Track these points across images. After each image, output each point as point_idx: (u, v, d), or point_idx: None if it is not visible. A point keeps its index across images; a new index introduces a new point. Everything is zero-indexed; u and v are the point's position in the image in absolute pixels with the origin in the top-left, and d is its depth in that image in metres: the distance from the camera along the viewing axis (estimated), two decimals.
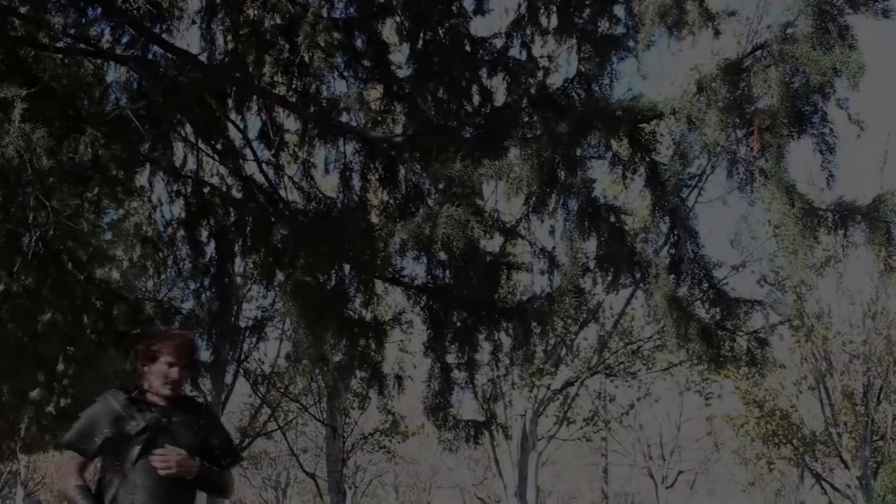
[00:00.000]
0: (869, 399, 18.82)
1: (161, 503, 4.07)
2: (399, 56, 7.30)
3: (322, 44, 5.91)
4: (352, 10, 6.79)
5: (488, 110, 6.68)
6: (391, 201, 7.08)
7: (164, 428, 4.19)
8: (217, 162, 7.65)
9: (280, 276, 7.31)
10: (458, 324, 6.68)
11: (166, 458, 4.09)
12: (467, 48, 6.74)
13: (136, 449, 4.08)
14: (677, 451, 28.33)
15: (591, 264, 6.23)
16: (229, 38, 6.98)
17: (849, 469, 18.81)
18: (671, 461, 27.91)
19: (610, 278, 6.10)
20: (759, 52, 5.14)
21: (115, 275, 11.83)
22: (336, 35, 5.97)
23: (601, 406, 21.73)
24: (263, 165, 7.37)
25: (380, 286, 7.39)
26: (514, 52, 6.92)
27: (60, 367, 8.69)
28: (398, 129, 6.90)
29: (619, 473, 34.52)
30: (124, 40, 6.85)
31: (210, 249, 7.44)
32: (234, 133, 7.56)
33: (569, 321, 15.28)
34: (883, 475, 17.78)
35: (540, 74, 6.86)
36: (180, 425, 4.23)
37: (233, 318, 8.54)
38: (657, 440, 28.22)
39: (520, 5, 7.01)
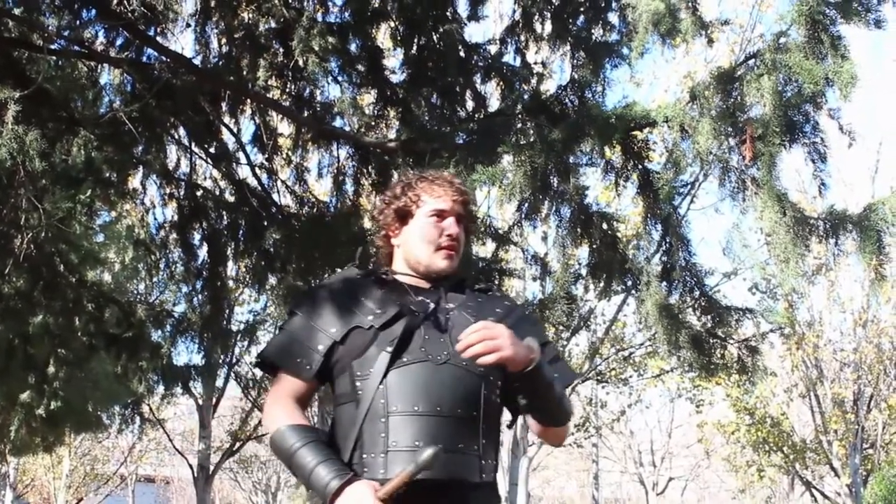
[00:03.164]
0: (859, 407, 18.85)
1: (442, 443, 2.30)
2: (393, 61, 7.33)
3: (316, 48, 5.92)
4: (346, 14, 6.81)
5: (482, 116, 6.70)
6: None
7: (434, 316, 2.52)
8: (210, 165, 7.66)
9: (272, 280, 7.31)
10: None
11: (487, 333, 2.31)
12: (461, 54, 6.76)
13: (385, 354, 2.43)
14: (668, 457, 28.33)
15: (583, 271, 6.24)
16: (224, 41, 7.00)
17: (839, 477, 18.83)
18: (662, 468, 27.90)
19: (602, 285, 6.11)
20: (751, 61, 5.16)
21: (107, 277, 11.81)
22: (330, 39, 5.98)
23: (592, 412, 21.74)
24: (257, 169, 7.38)
25: None
26: (508, 58, 6.95)
27: (51, 369, 8.66)
28: (392, 134, 6.91)
29: (609, 480, 34.53)
30: (118, 42, 6.86)
31: (202, 253, 7.44)
32: (227, 136, 7.57)
33: (560, 327, 15.30)
34: (873, 483, 17.81)
35: (534, 81, 6.88)
36: (460, 314, 2.55)
37: (224, 322, 8.50)
38: (648, 447, 28.23)
39: (514, 11, 7.03)
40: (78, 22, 6.50)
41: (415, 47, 6.81)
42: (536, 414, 2.56)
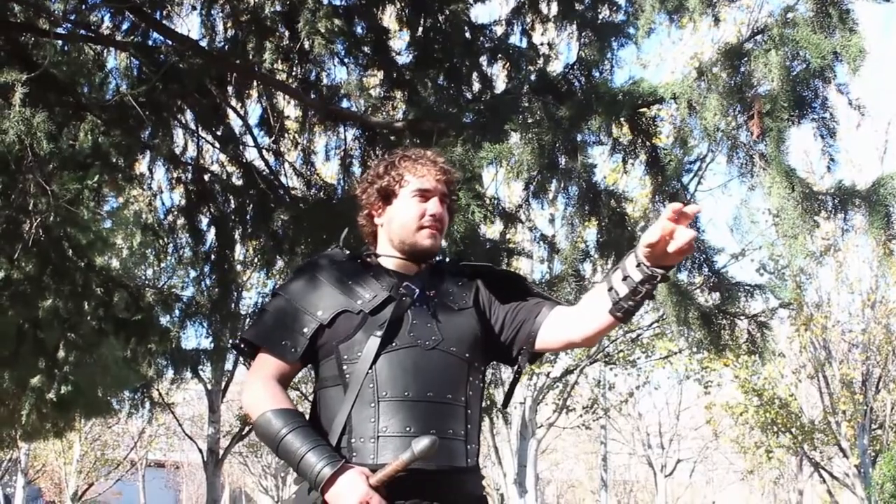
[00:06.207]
0: (868, 388, 18.83)
1: (432, 428, 2.36)
2: (399, 43, 7.31)
3: (322, 30, 5.90)
4: None
5: (488, 97, 6.68)
6: None
7: (421, 301, 2.52)
8: (217, 149, 7.66)
9: (280, 263, 7.32)
10: None
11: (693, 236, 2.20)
12: (467, 35, 6.74)
13: (374, 339, 2.42)
14: (676, 439, 28.39)
15: (592, 250, 6.24)
16: (230, 24, 6.98)
17: (847, 457, 18.83)
18: (670, 449, 27.96)
19: (610, 264, 6.10)
20: (759, 37, 5.14)
21: (115, 263, 11.84)
22: (336, 22, 5.96)
23: (600, 394, 21.77)
24: (264, 152, 7.38)
25: None
26: (515, 39, 6.94)
27: (61, 354, 8.69)
28: (398, 116, 6.90)
29: (618, 462, 34.61)
30: (124, 26, 6.86)
31: (210, 236, 7.46)
32: (234, 120, 7.57)
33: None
34: (881, 463, 17.83)
35: (540, 61, 6.86)
36: (441, 302, 2.56)
37: (233, 305, 8.54)
38: (656, 428, 28.27)
39: None
40: (84, 6, 6.49)
41: (421, 29, 6.79)
42: (626, 311, 2.37)
